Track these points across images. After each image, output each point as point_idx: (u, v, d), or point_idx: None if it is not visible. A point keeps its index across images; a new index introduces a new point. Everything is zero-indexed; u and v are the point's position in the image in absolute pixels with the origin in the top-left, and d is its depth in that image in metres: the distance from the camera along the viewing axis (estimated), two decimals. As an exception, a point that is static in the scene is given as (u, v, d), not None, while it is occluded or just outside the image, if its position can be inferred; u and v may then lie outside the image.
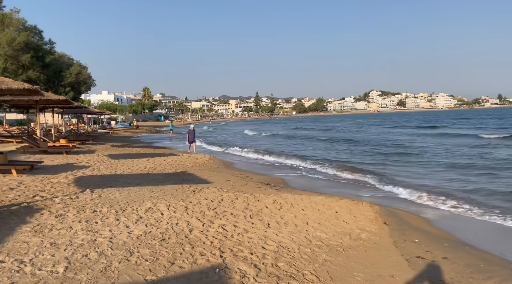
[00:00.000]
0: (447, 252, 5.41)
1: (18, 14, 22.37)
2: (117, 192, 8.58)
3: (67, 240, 5.17)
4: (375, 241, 5.71)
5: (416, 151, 21.27)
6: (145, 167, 13.34)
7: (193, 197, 8.24)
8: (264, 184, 10.92)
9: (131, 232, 5.64)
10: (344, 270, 4.52)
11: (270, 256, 4.85)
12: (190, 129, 21.63)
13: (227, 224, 6.21)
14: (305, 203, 7.66)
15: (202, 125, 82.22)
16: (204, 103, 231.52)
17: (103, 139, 30.23)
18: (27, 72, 21.49)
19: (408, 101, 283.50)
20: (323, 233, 5.88)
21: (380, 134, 38.16)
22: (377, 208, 7.50)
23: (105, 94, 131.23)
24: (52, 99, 15.91)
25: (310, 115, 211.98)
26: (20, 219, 6.14)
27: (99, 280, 3.97)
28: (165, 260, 4.58)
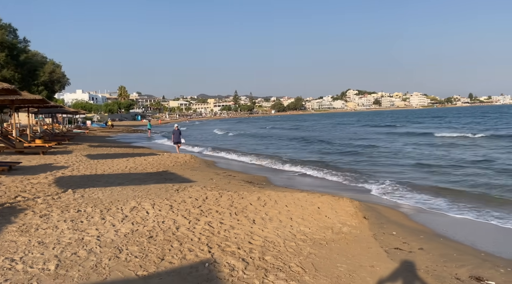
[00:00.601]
0: (423, 244, 5.73)
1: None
2: (99, 192, 8.56)
3: (54, 239, 5.19)
4: (356, 234, 5.98)
5: (382, 149, 21.93)
6: (126, 166, 13.27)
7: (177, 195, 8.32)
8: (247, 182, 11.09)
9: (118, 230, 5.70)
10: (327, 262, 4.75)
11: (257, 250, 5.03)
12: (174, 129, 20.08)
13: (213, 221, 6.35)
14: (288, 200, 7.88)
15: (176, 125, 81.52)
16: (182, 102, 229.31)
17: (79, 139, 29.66)
18: (1, 71, 20.86)
19: (383, 100, 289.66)
20: (307, 228, 6.11)
21: (345, 133, 38.98)
22: (356, 203, 7.81)
23: (79, 93, 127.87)
24: (29, 99, 15.57)
25: (289, 114, 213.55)
26: (5, 219, 6.09)
27: (91, 276, 4.05)
28: (155, 256, 4.69)
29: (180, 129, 20.48)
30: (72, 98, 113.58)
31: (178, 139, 19.74)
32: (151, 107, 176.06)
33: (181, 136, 20.03)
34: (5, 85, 10.37)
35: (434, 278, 4.42)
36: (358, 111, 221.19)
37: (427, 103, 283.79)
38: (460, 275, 4.57)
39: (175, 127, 20.34)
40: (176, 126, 20.36)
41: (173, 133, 20.21)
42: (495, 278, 4.53)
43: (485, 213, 7.81)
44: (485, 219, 7.44)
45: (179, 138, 19.82)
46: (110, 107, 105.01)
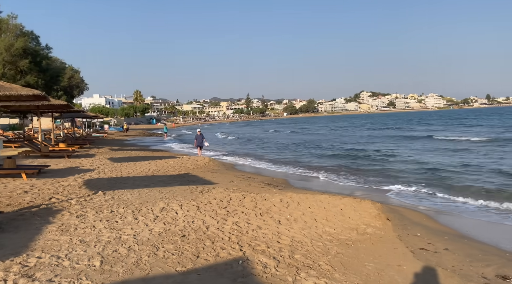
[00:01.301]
0: (448, 244, 5.85)
1: (15, 20, 22.49)
2: (128, 193, 8.89)
3: (94, 238, 5.50)
4: (381, 235, 6.13)
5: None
6: (149, 169, 13.64)
7: (202, 197, 8.59)
8: (267, 184, 11.31)
9: (152, 230, 5.98)
10: (355, 261, 4.92)
11: (286, 249, 5.24)
12: (197, 134, 20.74)
13: (240, 221, 6.58)
14: (311, 202, 8.07)
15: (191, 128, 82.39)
16: (195, 105, 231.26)
17: (99, 143, 30.35)
18: (25, 77, 21.61)
19: (398, 102, 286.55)
20: (332, 229, 6.29)
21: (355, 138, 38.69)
22: (379, 205, 7.94)
23: (96, 98, 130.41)
24: (54, 104, 16.12)
25: (301, 116, 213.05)
26: (44, 220, 6.44)
27: (134, 272, 4.32)
28: (190, 254, 4.94)
29: (203, 134, 21.04)
30: (89, 103, 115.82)
31: (201, 143, 20.26)
32: (166, 111, 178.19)
33: (205, 141, 20.56)
34: (36, 92, 10.82)
35: (461, 277, 4.55)
36: (372, 114, 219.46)
37: (443, 105, 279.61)
38: (487, 274, 4.69)
39: (198, 131, 20.97)
40: (198, 131, 21.04)
41: (196, 138, 20.78)
42: (521, 277, 4.64)
43: (506, 214, 7.85)
44: (508, 220, 7.49)
45: (202, 142, 20.33)
46: (126, 111, 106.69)
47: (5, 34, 22.05)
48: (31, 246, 5.11)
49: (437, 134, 34.02)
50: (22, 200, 7.91)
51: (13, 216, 6.61)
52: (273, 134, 49.72)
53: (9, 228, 5.92)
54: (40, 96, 11.04)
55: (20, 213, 6.88)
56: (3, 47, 21.04)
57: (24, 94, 10.47)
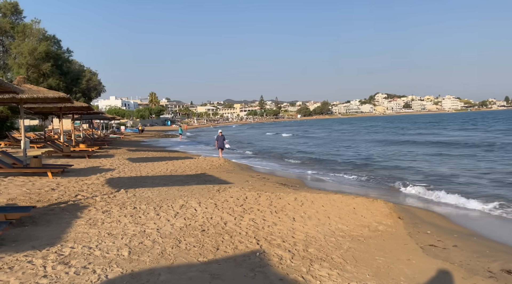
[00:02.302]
0: (457, 241, 6.06)
1: (38, 24, 23.40)
2: (149, 191, 9.30)
3: (120, 231, 5.89)
4: (392, 232, 6.37)
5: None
6: (167, 169, 14.08)
7: (219, 195, 8.93)
8: (281, 184, 11.60)
9: (173, 225, 6.35)
10: (366, 255, 5.19)
11: (300, 243, 5.53)
12: (218, 135, 20.52)
13: (256, 218, 6.90)
14: (324, 201, 8.33)
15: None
16: (209, 107, 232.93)
17: (116, 144, 31.11)
18: (47, 80, 22.43)
19: (414, 104, 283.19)
20: (344, 226, 6.55)
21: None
22: (391, 205, 8.15)
23: (112, 100, 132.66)
24: (76, 106, 16.77)
25: (315, 118, 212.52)
26: (72, 215, 6.88)
27: (160, 261, 4.68)
28: (210, 246, 5.28)
29: (224, 135, 20.92)
30: (106, 105, 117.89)
31: (221, 144, 20.30)
32: (180, 112, 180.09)
33: (225, 142, 20.58)
34: (62, 95, 11.43)
35: (468, 271, 4.77)
36: (388, 115, 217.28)
37: (461, 107, 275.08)
38: (492, 268, 4.90)
39: (219, 133, 20.91)
40: (220, 132, 20.91)
41: (216, 139, 20.70)
42: (527, 272, 4.83)
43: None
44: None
45: (223, 144, 20.37)
46: (142, 113, 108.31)
47: (28, 38, 22.97)
48: (64, 237, 5.53)
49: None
50: (51, 196, 8.39)
51: (44, 211, 7.07)
52: (275, 136, 49.19)
53: (41, 222, 6.37)
54: (65, 99, 11.64)
55: (50, 208, 7.34)
56: (27, 51, 21.91)
57: (50, 96, 11.08)
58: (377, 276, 4.45)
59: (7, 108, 21.49)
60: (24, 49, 22.00)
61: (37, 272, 4.20)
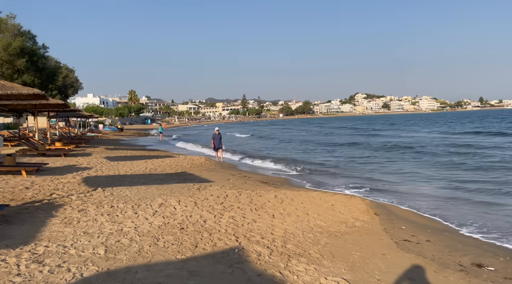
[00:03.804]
0: (430, 236, 6.24)
1: (14, 19, 22.69)
2: (127, 190, 9.18)
3: (97, 230, 5.80)
4: (368, 228, 6.50)
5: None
6: (146, 167, 13.91)
7: (199, 193, 8.90)
8: (262, 182, 11.65)
9: (152, 223, 6.30)
10: (343, 250, 5.28)
11: (279, 240, 5.58)
12: (214, 134, 18.05)
13: (236, 216, 6.92)
14: (304, 198, 8.43)
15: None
16: (191, 106, 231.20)
17: (94, 142, 30.50)
18: (22, 76, 21.80)
19: (392, 104, 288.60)
20: (322, 222, 6.65)
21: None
22: (367, 202, 8.32)
23: (90, 97, 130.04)
24: (51, 103, 16.33)
25: (297, 117, 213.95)
26: (47, 213, 6.73)
27: (137, 259, 4.64)
28: (189, 244, 5.27)
29: (221, 133, 18.32)
30: (83, 102, 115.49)
31: (219, 144, 17.98)
32: (161, 111, 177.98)
33: (222, 142, 18.14)
34: (36, 91, 11.08)
35: (439, 265, 4.93)
36: (367, 115, 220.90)
37: (437, 107, 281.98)
38: (463, 262, 5.08)
39: (216, 131, 18.19)
40: (216, 130, 18.29)
41: (213, 138, 18.15)
42: (495, 265, 5.03)
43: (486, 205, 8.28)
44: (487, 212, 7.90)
45: (220, 143, 17.97)
46: (121, 111, 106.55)
47: (3, 34, 22.25)
48: (38, 236, 5.41)
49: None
50: (25, 195, 8.18)
51: (18, 210, 6.89)
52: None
53: (15, 220, 6.21)
54: (40, 95, 11.30)
55: (24, 207, 7.16)
56: (1, 47, 21.22)
57: (24, 93, 10.72)
58: (352, 270, 4.55)
59: (-21, 105, 20.75)
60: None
61: (11, 270, 4.11)
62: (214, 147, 18.20)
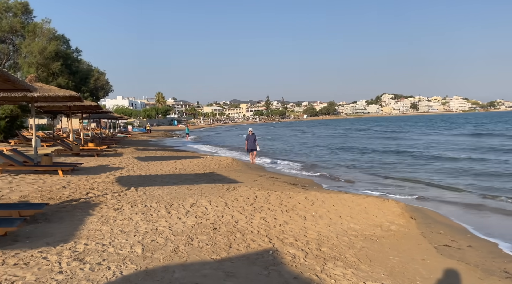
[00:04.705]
0: (471, 242, 5.99)
1: (48, 24, 23.63)
2: (158, 190, 9.32)
3: (132, 229, 5.90)
4: (404, 232, 6.32)
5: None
6: (175, 168, 14.11)
7: (229, 194, 8.93)
8: (290, 184, 11.57)
9: (185, 223, 6.35)
10: (380, 254, 5.15)
11: (312, 242, 5.50)
12: (248, 134, 17.01)
13: (267, 217, 6.88)
14: (335, 200, 8.29)
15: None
16: (215, 107, 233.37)
17: (124, 143, 31.25)
18: (56, 79, 22.63)
19: (421, 105, 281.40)
20: (356, 225, 6.51)
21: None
22: (402, 205, 8.09)
23: (119, 99, 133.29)
24: (85, 105, 16.87)
25: (321, 118, 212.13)
26: (84, 212, 6.91)
27: (174, 258, 4.68)
28: (223, 244, 5.27)
29: (255, 134, 17.23)
30: (113, 104, 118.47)
31: (253, 146, 16.91)
32: (186, 112, 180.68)
33: (257, 143, 17.07)
34: (72, 93, 11.51)
35: (483, 271, 4.71)
36: (394, 116, 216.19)
37: (468, 108, 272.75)
38: (509, 269, 4.84)
39: (249, 131, 17.16)
40: (250, 131, 17.23)
41: (246, 139, 17.15)
42: (545, 274, 4.76)
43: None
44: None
45: (254, 144, 16.86)
46: (149, 112, 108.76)
47: (38, 38, 23.18)
48: (77, 234, 5.55)
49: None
50: (62, 194, 8.44)
51: (57, 208, 7.11)
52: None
53: (54, 219, 6.40)
54: (75, 97, 11.72)
55: (62, 205, 7.38)
56: (37, 51, 22.12)
57: (61, 95, 11.15)
58: (392, 276, 4.41)
59: (17, 107, 21.71)
60: (34, 49, 22.21)
61: (53, 268, 4.22)
62: (248, 148, 17.28)
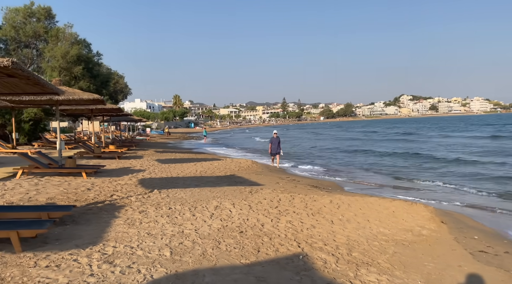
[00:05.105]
0: (508, 248, 5.74)
1: (71, 29, 24.16)
2: (181, 192, 9.31)
3: (159, 231, 5.87)
4: (437, 237, 6.10)
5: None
6: (196, 170, 14.12)
7: (252, 197, 8.84)
8: (312, 186, 11.42)
9: (211, 226, 6.29)
10: (414, 260, 4.97)
11: (343, 247, 5.36)
12: (272, 137, 16.63)
13: (293, 221, 6.76)
14: (361, 204, 8.11)
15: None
16: (231, 109, 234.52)
17: (143, 145, 31.60)
18: (78, 82, 23.09)
19: (441, 106, 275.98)
20: (386, 229, 6.33)
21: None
22: (431, 208, 7.85)
23: (137, 102, 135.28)
24: (107, 108, 17.09)
25: (338, 120, 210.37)
26: (110, 214, 6.93)
27: (203, 262, 4.61)
28: (251, 248, 5.18)
29: (279, 137, 16.69)
30: (131, 107, 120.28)
31: (276, 149, 16.38)
32: (203, 115, 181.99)
33: (280, 146, 16.57)
34: (96, 96, 11.63)
35: (526, 280, 4.48)
36: (413, 118, 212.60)
37: (490, 109, 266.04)
38: (554, 278, 4.59)
39: (274, 134, 16.63)
40: (274, 133, 16.70)
41: (270, 141, 16.64)
42: None
43: None
44: None
45: (278, 148, 16.34)
46: (166, 115, 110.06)
47: (61, 42, 23.70)
48: (105, 237, 5.56)
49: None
50: (87, 196, 8.51)
51: (83, 211, 7.16)
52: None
53: (81, 221, 6.44)
54: (99, 100, 11.85)
55: (88, 207, 7.43)
56: (60, 55, 22.61)
57: (85, 98, 11.28)
58: (429, 283, 4.24)
59: (41, 110, 22.19)
60: (57, 53, 22.72)
61: (84, 270, 4.21)
62: (271, 151, 16.69)
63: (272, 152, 16.58)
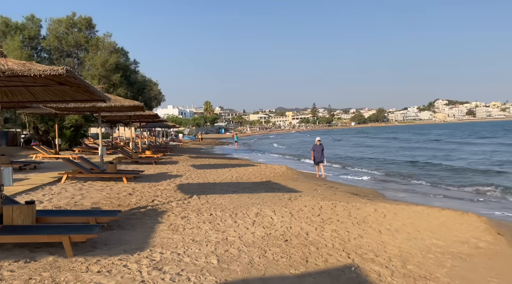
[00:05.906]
0: None
1: (110, 38, 25.07)
2: (220, 198, 9.27)
3: (203, 238, 5.82)
4: (496, 250, 5.70)
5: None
6: (232, 176, 14.11)
7: (292, 204, 8.67)
8: (352, 194, 11.10)
9: (254, 233, 6.18)
10: (475, 275, 4.63)
11: (395, 259, 5.09)
12: (315, 144, 15.71)
13: (338, 230, 6.53)
14: (408, 213, 7.75)
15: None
16: (261, 115, 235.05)
17: (177, 151, 32.11)
18: (117, 90, 23.84)
19: (478, 111, 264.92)
20: (440, 241, 5.98)
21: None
22: (485, 219, 7.39)
23: (170, 108, 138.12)
24: (144, 114, 17.47)
25: (370, 126, 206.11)
26: (154, 219, 6.97)
27: (251, 271, 4.49)
28: (299, 258, 5.02)
29: (322, 144, 15.89)
30: (164, 113, 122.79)
31: (320, 157, 15.61)
32: (233, 120, 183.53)
33: (324, 154, 15.72)
34: (136, 103, 11.90)
35: None
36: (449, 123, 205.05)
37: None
38: None
39: (317, 141, 15.84)
40: (317, 140, 15.87)
41: (312, 149, 15.80)
42: None
43: None
44: None
45: (322, 156, 15.57)
46: (197, 121, 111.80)
47: (101, 51, 24.60)
48: (151, 242, 5.56)
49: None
50: (130, 201, 8.64)
51: (127, 215, 7.25)
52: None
53: (126, 226, 6.50)
54: (139, 107, 12.10)
55: (132, 213, 7.52)
56: (99, 63, 23.45)
57: (126, 105, 11.55)
58: (497, 301, 3.92)
59: (82, 116, 23.01)
60: (97, 61, 23.59)
61: (135, 277, 4.20)
62: (314, 159, 15.89)
63: (315, 160, 15.85)
